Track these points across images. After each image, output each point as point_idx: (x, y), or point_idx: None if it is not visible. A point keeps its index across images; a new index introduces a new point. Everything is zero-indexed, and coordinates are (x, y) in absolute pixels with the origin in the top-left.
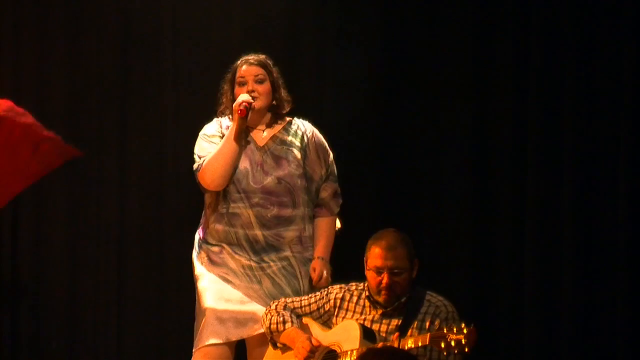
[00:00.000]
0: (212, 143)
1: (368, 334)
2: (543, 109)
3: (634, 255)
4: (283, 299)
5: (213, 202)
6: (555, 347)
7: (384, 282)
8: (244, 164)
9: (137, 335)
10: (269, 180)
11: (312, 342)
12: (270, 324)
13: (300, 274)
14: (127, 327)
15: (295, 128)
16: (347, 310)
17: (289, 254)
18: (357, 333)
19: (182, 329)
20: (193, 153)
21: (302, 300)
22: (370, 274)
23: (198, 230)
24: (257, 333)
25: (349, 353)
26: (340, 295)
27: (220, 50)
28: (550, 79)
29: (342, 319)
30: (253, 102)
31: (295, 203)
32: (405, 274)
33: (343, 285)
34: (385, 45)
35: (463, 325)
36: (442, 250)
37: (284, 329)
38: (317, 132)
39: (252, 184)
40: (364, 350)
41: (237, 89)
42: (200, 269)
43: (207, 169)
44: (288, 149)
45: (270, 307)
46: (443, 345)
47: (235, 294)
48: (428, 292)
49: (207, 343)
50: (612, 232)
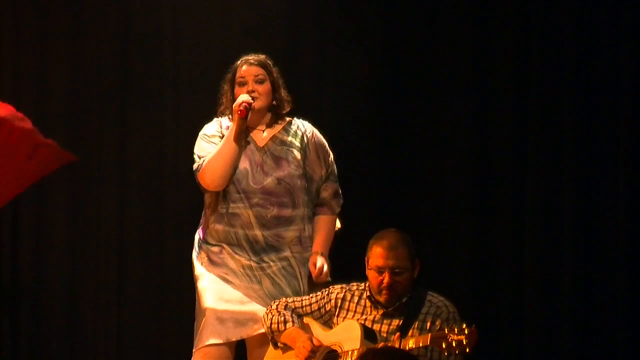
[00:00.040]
0: (212, 143)
1: (369, 334)
2: (543, 109)
3: (634, 255)
4: (284, 299)
5: (213, 202)
6: (555, 347)
7: (385, 281)
8: (244, 164)
9: (137, 335)
10: (269, 181)
11: (313, 342)
12: (271, 324)
13: (300, 275)
14: (127, 327)
15: (295, 128)
16: (348, 310)
17: (289, 254)
18: (358, 333)
19: (182, 329)
20: (193, 153)
21: (303, 300)
22: (372, 274)
23: (198, 231)
24: (257, 333)
25: (350, 353)
26: (341, 295)
27: (220, 50)
28: (550, 79)
29: (343, 319)
30: (253, 102)
31: (295, 203)
32: (407, 274)
33: (344, 285)
34: (385, 45)
35: (464, 326)
36: (442, 250)
37: (285, 329)
38: (317, 132)
39: (252, 185)
40: (364, 351)
41: (237, 89)
42: (200, 269)
43: (206, 169)
44: (288, 150)
45: (271, 306)
46: (444, 346)
47: (235, 294)
48: (429, 292)
49: (207, 343)
50: (612, 232)
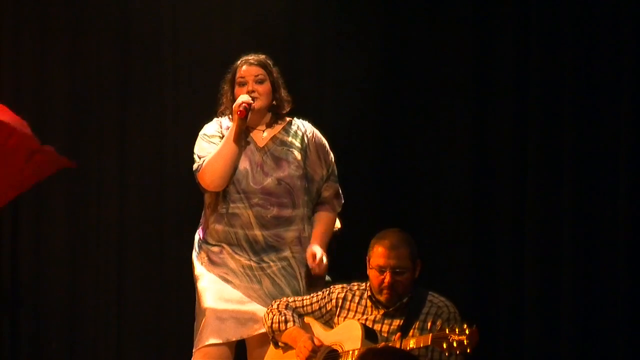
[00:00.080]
0: (211, 143)
1: (370, 334)
2: (543, 109)
3: (634, 255)
4: (285, 298)
5: (213, 202)
6: (555, 347)
7: (386, 281)
8: (244, 165)
9: (137, 335)
10: (269, 181)
11: (314, 341)
12: (272, 323)
13: (300, 275)
14: (127, 327)
15: (296, 129)
16: (348, 310)
17: (289, 255)
18: (358, 333)
19: (182, 329)
20: (193, 153)
21: (304, 300)
22: (373, 273)
23: (198, 231)
24: (257, 333)
25: (351, 353)
26: (342, 295)
27: (220, 50)
28: (550, 79)
29: (343, 319)
30: (252, 103)
31: (295, 204)
32: (408, 274)
33: (345, 285)
34: (385, 45)
35: (465, 326)
36: (442, 250)
37: (286, 328)
38: (317, 132)
39: (251, 185)
40: (364, 351)
41: (237, 89)
42: (200, 269)
43: (206, 170)
44: (288, 150)
45: (272, 306)
46: (445, 346)
47: (235, 294)
48: (430, 292)
49: (207, 343)
50: (612, 232)
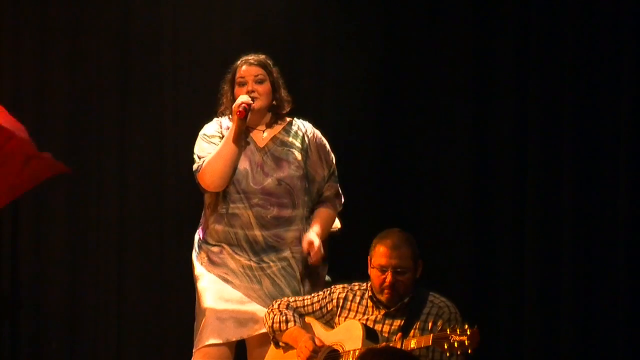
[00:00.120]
0: (211, 143)
1: (370, 334)
2: (543, 109)
3: (634, 255)
4: (286, 298)
5: (213, 202)
6: (555, 347)
7: (388, 280)
8: (244, 165)
9: (137, 335)
10: (269, 182)
11: (315, 341)
12: (273, 323)
13: (300, 275)
14: (127, 327)
15: (296, 129)
16: (349, 310)
17: (289, 255)
18: (359, 333)
19: (182, 329)
20: (193, 153)
21: (304, 300)
22: (374, 273)
23: (198, 231)
24: (257, 333)
25: (352, 353)
26: (343, 295)
27: (220, 50)
28: (550, 79)
29: (344, 319)
30: (252, 103)
31: (295, 204)
32: (409, 274)
33: (346, 285)
34: (385, 46)
35: (466, 327)
36: (442, 251)
37: (287, 328)
38: (317, 132)
39: (252, 185)
40: (364, 351)
41: (237, 89)
42: (200, 269)
43: (206, 170)
44: (288, 150)
45: (273, 306)
46: (446, 346)
47: (235, 294)
48: (431, 292)
49: (207, 343)
50: (612, 232)
